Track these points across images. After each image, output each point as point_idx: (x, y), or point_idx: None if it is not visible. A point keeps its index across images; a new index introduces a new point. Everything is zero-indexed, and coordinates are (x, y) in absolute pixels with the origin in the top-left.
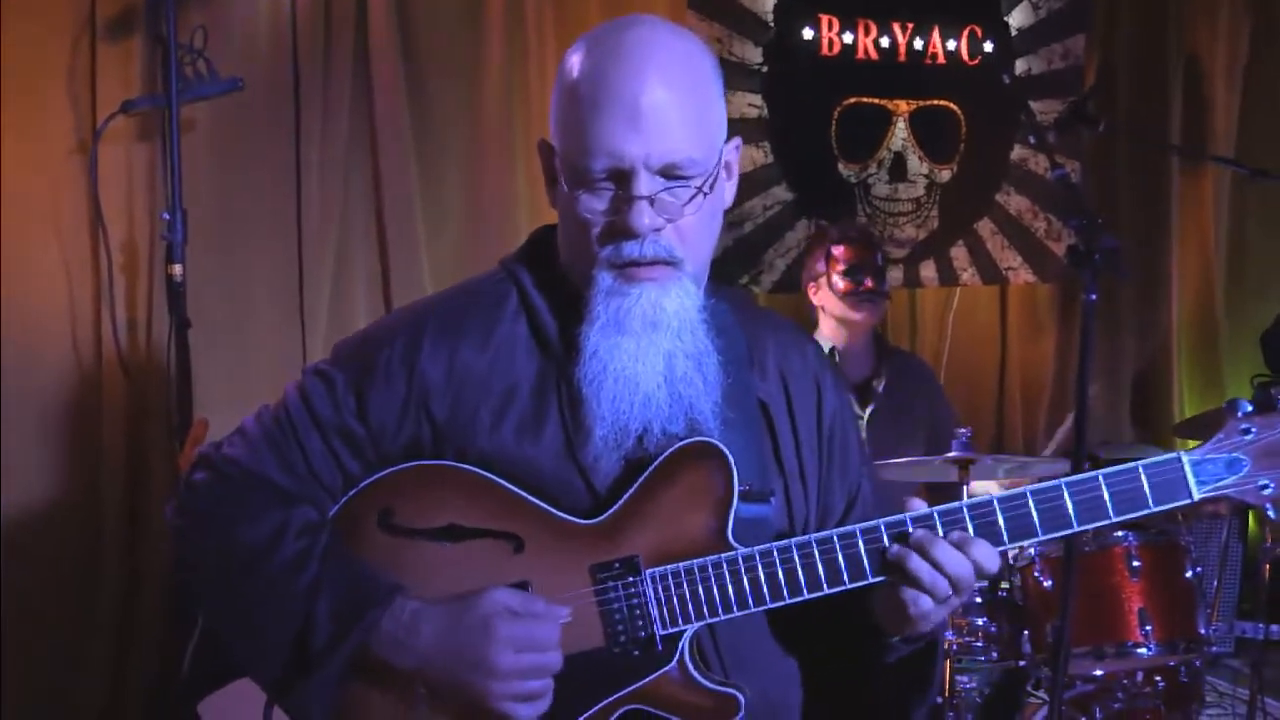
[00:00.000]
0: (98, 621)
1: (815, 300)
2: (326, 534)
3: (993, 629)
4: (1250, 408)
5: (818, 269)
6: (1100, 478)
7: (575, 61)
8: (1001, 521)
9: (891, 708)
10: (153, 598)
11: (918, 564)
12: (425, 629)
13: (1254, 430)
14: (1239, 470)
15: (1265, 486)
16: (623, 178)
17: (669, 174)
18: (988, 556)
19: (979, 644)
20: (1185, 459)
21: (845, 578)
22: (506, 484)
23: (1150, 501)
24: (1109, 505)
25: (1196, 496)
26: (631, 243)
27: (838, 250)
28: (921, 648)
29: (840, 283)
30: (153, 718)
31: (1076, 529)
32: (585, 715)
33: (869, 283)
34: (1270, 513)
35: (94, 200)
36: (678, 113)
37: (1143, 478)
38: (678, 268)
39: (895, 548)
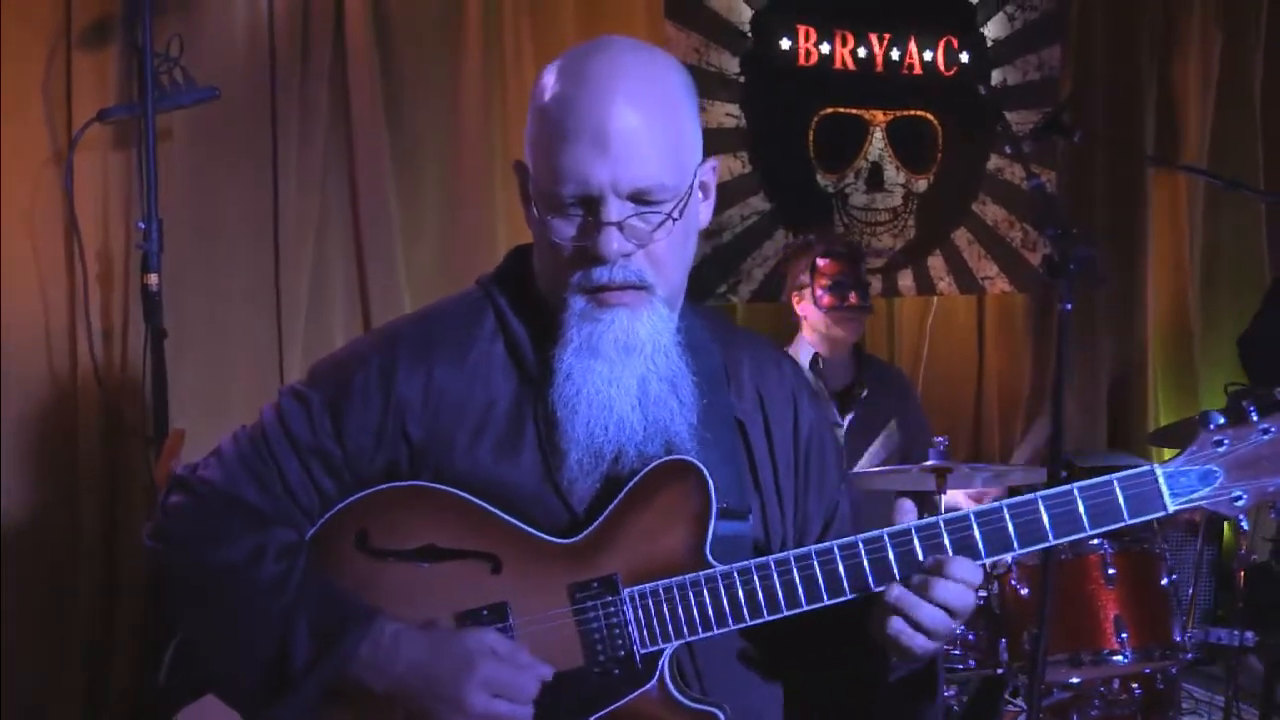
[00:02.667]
0: (75, 631)
1: (799, 310)
2: (304, 556)
3: (970, 637)
4: (1222, 420)
5: (801, 280)
6: (1075, 491)
7: (546, 86)
8: (979, 537)
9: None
10: (131, 607)
11: (920, 609)
12: (405, 654)
13: (1226, 442)
14: (1212, 482)
15: (1239, 498)
16: (591, 204)
17: (639, 199)
18: (971, 572)
19: (956, 652)
20: (1159, 471)
21: (825, 595)
22: (483, 504)
23: (1125, 514)
24: (1084, 519)
25: (1171, 509)
26: (601, 268)
27: (823, 264)
28: (924, 664)
29: (824, 297)
30: None
31: (1053, 542)
32: None
33: (853, 298)
34: (1244, 523)
35: (69, 209)
36: (646, 138)
37: (1118, 491)
38: (649, 292)
39: (896, 591)
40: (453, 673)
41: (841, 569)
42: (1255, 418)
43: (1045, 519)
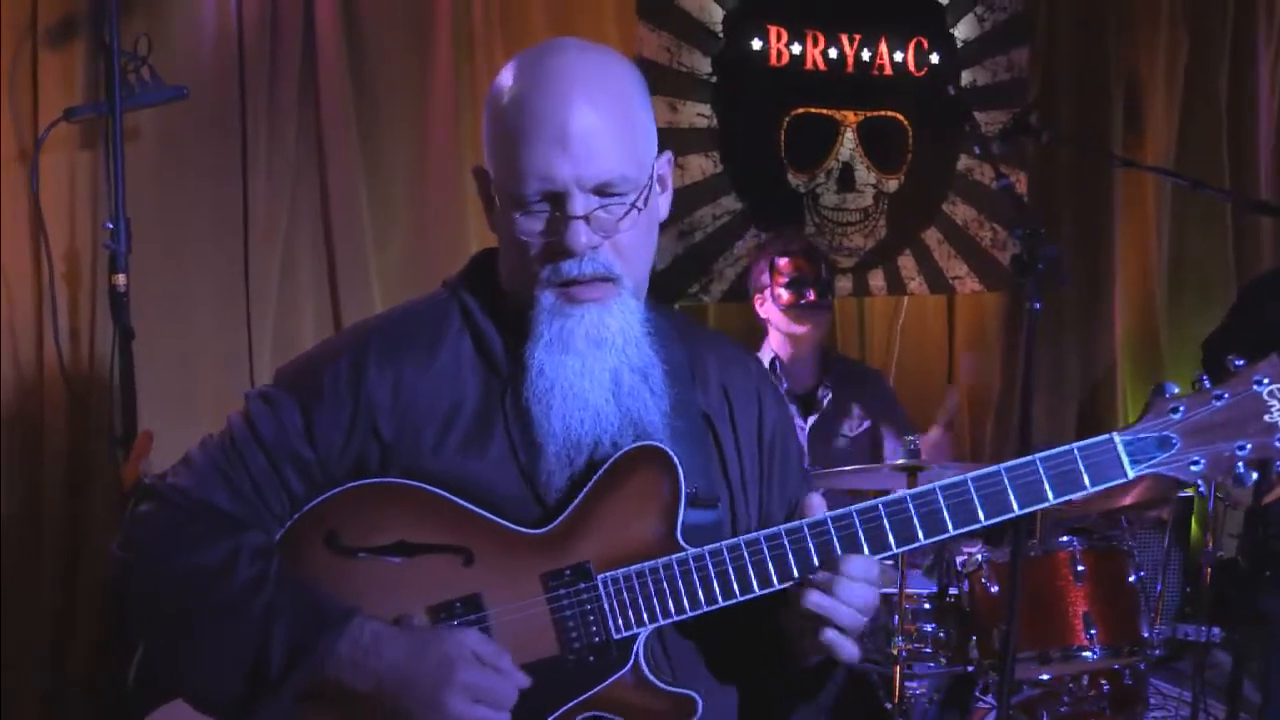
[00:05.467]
0: (37, 631)
1: (761, 312)
2: (278, 558)
3: (941, 635)
4: (1177, 389)
5: (762, 281)
6: (1038, 461)
7: (503, 90)
8: (945, 509)
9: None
10: (94, 609)
11: (832, 606)
12: (386, 653)
13: (1182, 409)
14: (1170, 448)
15: (1196, 462)
16: (557, 199)
17: (602, 192)
18: (866, 567)
19: (927, 650)
20: (1118, 439)
21: (795, 572)
22: (454, 498)
23: (1087, 482)
24: (1047, 487)
25: (1131, 475)
26: (569, 261)
27: (781, 263)
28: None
29: (783, 295)
30: None
31: (1018, 512)
32: None
33: (811, 295)
34: (1202, 488)
35: (35, 208)
36: (606, 132)
37: (1078, 459)
38: (617, 283)
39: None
40: (433, 676)
41: (811, 547)
42: (1209, 385)
43: (1009, 489)
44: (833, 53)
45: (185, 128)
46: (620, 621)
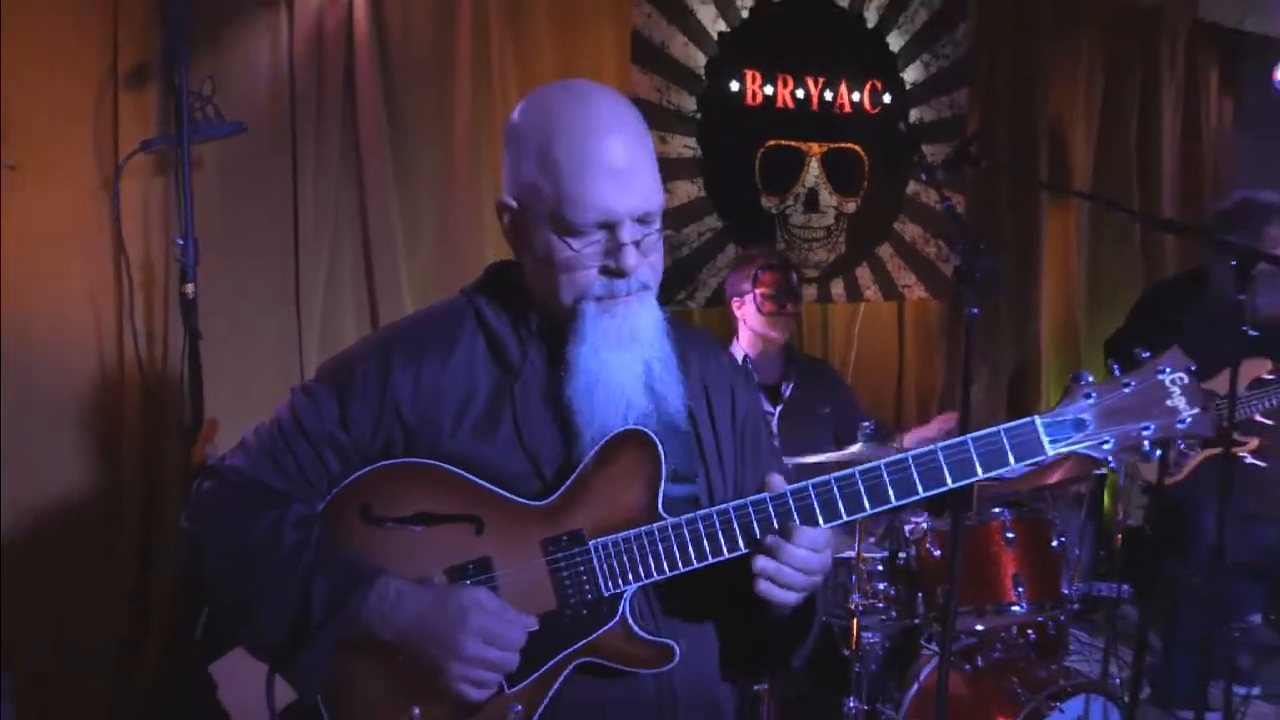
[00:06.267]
0: (117, 593)
1: (738, 313)
2: (318, 527)
3: (892, 592)
4: (1091, 378)
5: (744, 287)
6: (969, 441)
7: (548, 129)
8: (889, 483)
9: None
10: (166, 574)
11: (779, 569)
12: (408, 606)
13: (1095, 395)
14: (1084, 429)
15: (1106, 442)
16: (611, 228)
17: (644, 221)
18: (816, 537)
19: (881, 605)
20: (1039, 421)
21: (757, 537)
22: (468, 475)
23: (1012, 459)
24: (977, 464)
25: (1050, 454)
26: (621, 280)
27: (765, 276)
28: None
29: (766, 304)
30: (168, 679)
31: (951, 485)
32: (545, 667)
33: (789, 307)
34: (1112, 463)
35: (116, 227)
36: (646, 169)
37: (1004, 439)
38: (650, 292)
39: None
40: (450, 624)
41: (773, 514)
42: (1119, 374)
43: (944, 465)
44: (800, 93)
45: (244, 156)
46: (609, 581)
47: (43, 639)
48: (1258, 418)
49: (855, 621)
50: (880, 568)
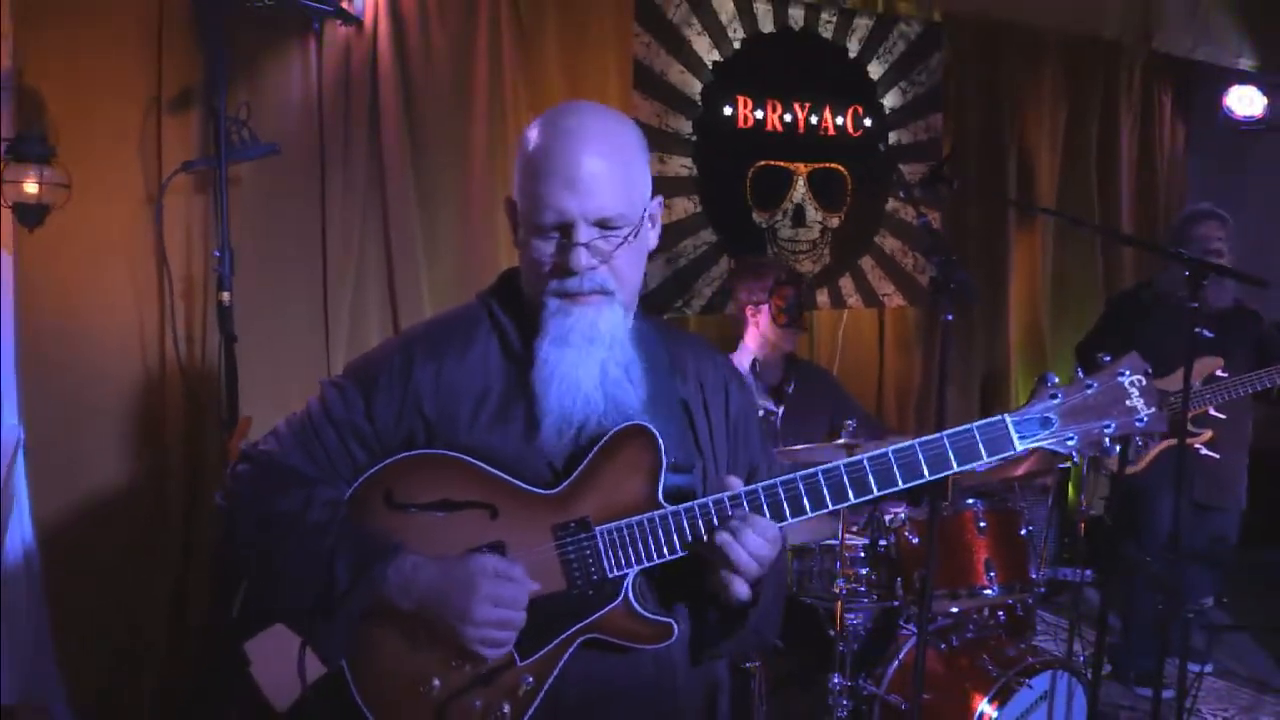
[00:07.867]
0: (161, 575)
1: (751, 319)
2: (343, 508)
3: (873, 577)
4: (1056, 379)
5: (759, 297)
6: (944, 437)
7: (530, 139)
8: (870, 475)
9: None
10: (205, 558)
11: (737, 552)
12: (424, 577)
13: (1060, 395)
14: (1050, 427)
15: (1070, 438)
16: (566, 229)
17: (602, 225)
18: (764, 529)
19: (862, 589)
20: (1008, 419)
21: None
22: (483, 465)
23: (984, 453)
24: (952, 457)
25: (1019, 449)
26: (573, 279)
27: (785, 290)
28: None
29: (781, 315)
30: (205, 655)
31: (928, 478)
32: (554, 642)
33: (802, 320)
34: (1075, 459)
35: (159, 240)
36: (607, 177)
37: (976, 435)
38: (610, 297)
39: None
40: (461, 590)
41: (764, 504)
42: (1082, 375)
43: (920, 459)
44: (788, 117)
45: (277, 175)
46: (613, 563)
47: (89, 631)
48: (1212, 411)
49: (839, 604)
50: (862, 554)
